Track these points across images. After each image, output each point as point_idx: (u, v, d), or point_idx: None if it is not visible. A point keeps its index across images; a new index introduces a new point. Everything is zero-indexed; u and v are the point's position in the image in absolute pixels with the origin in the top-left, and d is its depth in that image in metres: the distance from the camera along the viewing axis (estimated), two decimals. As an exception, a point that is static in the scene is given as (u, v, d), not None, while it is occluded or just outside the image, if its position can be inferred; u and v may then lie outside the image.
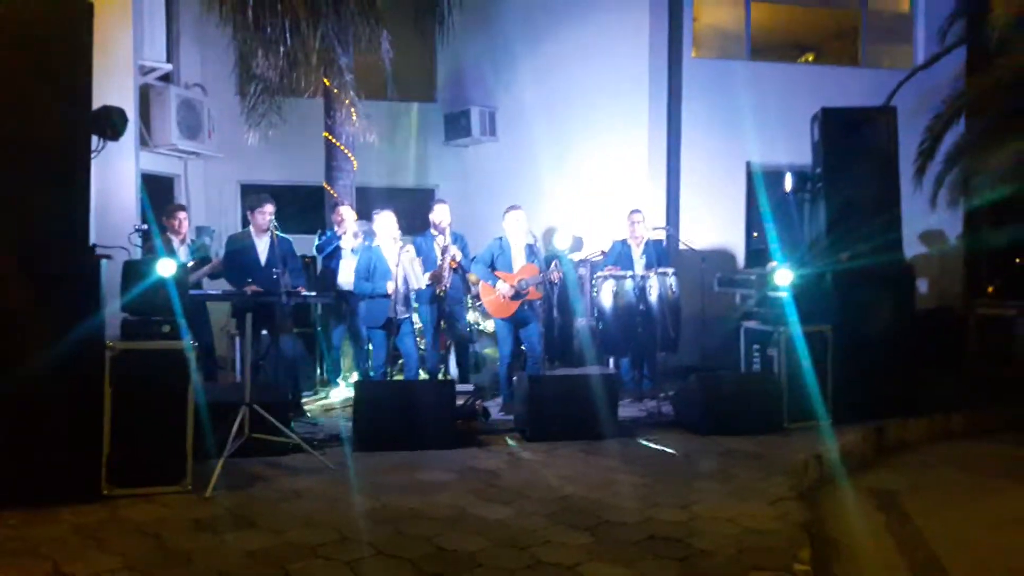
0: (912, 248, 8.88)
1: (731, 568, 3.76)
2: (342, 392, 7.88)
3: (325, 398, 7.77)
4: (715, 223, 9.77)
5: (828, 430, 6.39)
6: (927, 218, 8.53)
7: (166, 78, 9.62)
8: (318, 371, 8.09)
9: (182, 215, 7.44)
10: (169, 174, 10.19)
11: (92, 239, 4.72)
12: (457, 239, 7.41)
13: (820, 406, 6.57)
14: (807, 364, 6.61)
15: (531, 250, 7.31)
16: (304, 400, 7.42)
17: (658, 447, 6.10)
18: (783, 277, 6.81)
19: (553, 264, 7.12)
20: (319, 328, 8.01)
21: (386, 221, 7.16)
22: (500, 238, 7.35)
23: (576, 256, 9.11)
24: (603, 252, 8.48)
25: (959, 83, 7.63)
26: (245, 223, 7.51)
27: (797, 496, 4.89)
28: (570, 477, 5.27)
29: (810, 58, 11.45)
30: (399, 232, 7.13)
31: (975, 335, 9.30)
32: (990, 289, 10.10)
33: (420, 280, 6.97)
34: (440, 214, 7.45)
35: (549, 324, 7.97)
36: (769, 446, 6.11)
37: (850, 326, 6.92)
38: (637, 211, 8.03)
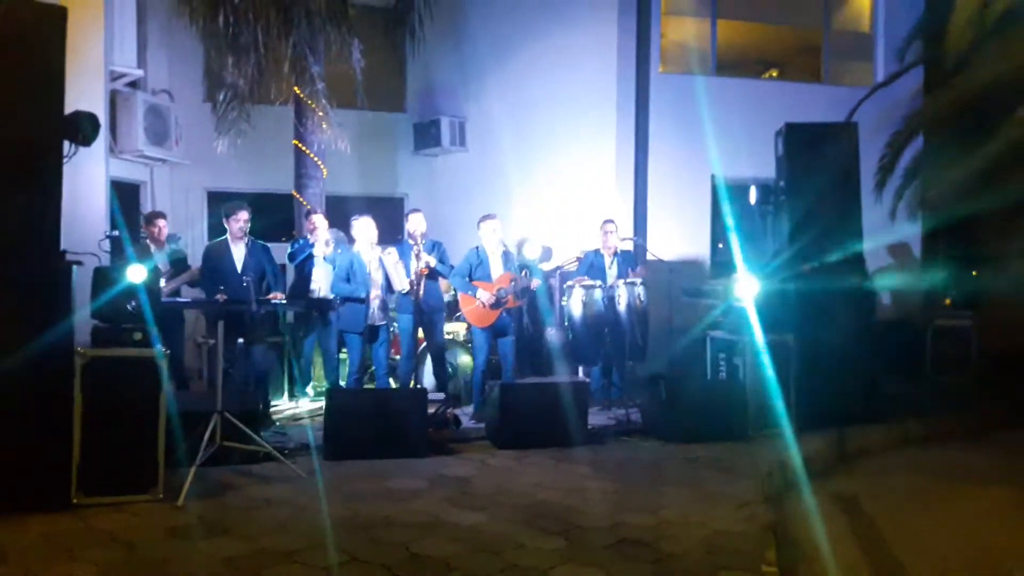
0: (874, 260, 9.11)
1: (700, 569, 3.85)
2: (311, 402, 7.85)
3: (294, 407, 7.74)
4: (681, 234, 9.93)
5: (792, 437, 6.52)
6: (888, 231, 8.75)
7: (133, 84, 9.53)
8: (287, 381, 8.04)
9: (161, 223, 7.41)
10: (135, 181, 10.07)
11: (61, 246, 4.68)
12: (435, 247, 7.46)
13: (784, 414, 6.71)
14: (771, 373, 6.74)
15: (507, 258, 7.40)
16: (273, 410, 7.38)
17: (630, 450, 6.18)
18: (747, 288, 6.95)
19: (524, 272, 7.19)
20: (288, 337, 7.97)
21: (365, 226, 7.22)
22: (477, 248, 7.42)
23: (547, 265, 9.20)
24: (578, 258, 8.56)
25: (917, 101, 7.87)
26: (212, 231, 7.48)
27: (763, 501, 5.00)
28: (541, 484, 5.33)
29: (774, 74, 11.70)
30: (376, 237, 7.19)
31: (934, 345, 9.55)
32: (947, 301, 10.37)
33: (403, 282, 7.04)
34: (415, 223, 7.50)
35: (520, 333, 8.03)
36: (735, 453, 6.23)
37: (812, 336, 7.08)
38: (610, 221, 8.15)
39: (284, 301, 6.82)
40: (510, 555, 3.97)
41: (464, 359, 8.15)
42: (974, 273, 10.50)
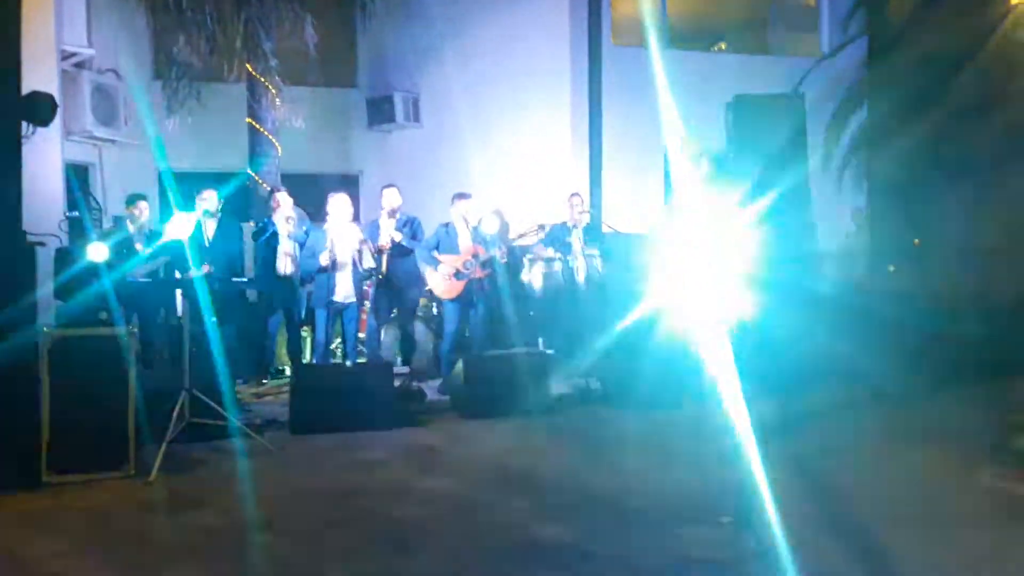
0: (822, 227, 9.39)
1: (663, 523, 4.03)
2: (276, 380, 7.88)
3: (259, 386, 7.76)
4: (637, 206, 10.10)
5: (749, 401, 6.75)
6: (835, 199, 9.03)
7: (79, 65, 9.33)
8: (254, 359, 8.04)
9: (143, 204, 7.37)
10: (84, 162, 9.90)
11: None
12: (409, 222, 7.53)
13: (741, 378, 6.93)
14: (725, 339, 6.95)
15: (476, 233, 7.50)
16: (238, 388, 7.39)
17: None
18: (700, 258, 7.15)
19: (502, 250, 7.30)
20: (254, 316, 7.98)
21: (340, 203, 7.25)
22: (447, 224, 7.53)
23: (512, 240, 9.30)
24: (538, 228, 8.66)
25: (862, 71, 8.11)
26: (164, 212, 7.46)
27: (721, 460, 5.21)
28: (508, 450, 5.49)
29: (723, 47, 11.90)
30: (351, 214, 7.25)
31: (875, 308, 9.87)
32: (891, 268, 10.70)
33: (369, 260, 7.11)
34: (389, 198, 7.56)
35: (489, 306, 8.14)
36: (693, 417, 6.43)
37: (764, 302, 7.32)
38: (576, 194, 8.32)
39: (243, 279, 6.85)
40: (483, 515, 4.12)
41: (425, 333, 8.26)
42: (916, 241, 10.87)
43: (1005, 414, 5.72)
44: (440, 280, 7.35)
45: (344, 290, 7.25)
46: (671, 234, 8.89)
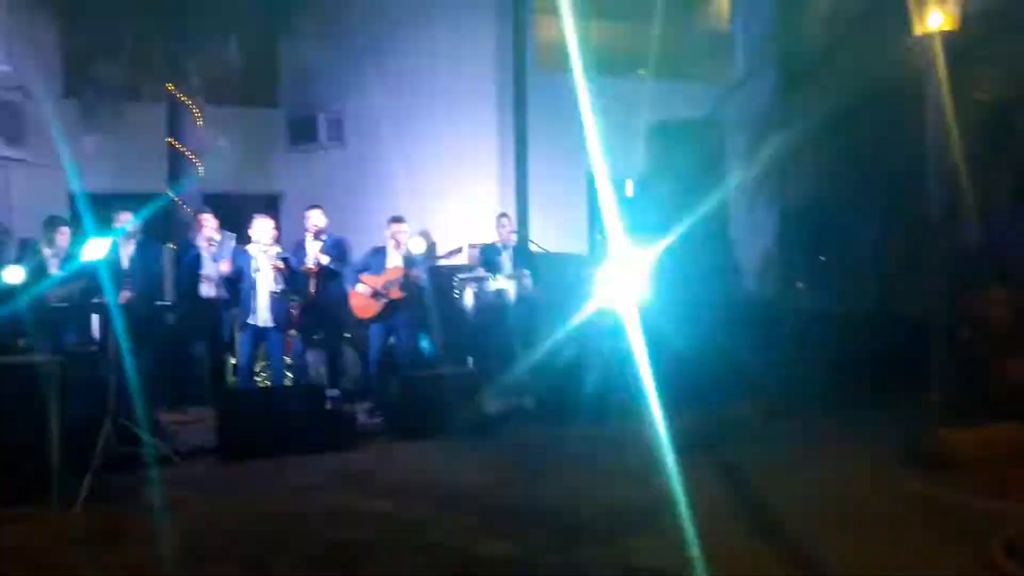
0: (738, 246, 9.75)
1: (606, 534, 4.13)
2: (199, 407, 7.64)
3: (182, 413, 7.51)
4: (564, 228, 10.29)
5: (674, 413, 6.94)
6: (751, 220, 9.41)
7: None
8: (176, 385, 7.79)
9: (65, 229, 7.08)
10: (-12, 183, 9.46)
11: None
12: (336, 243, 7.47)
13: (665, 392, 7.12)
14: (649, 355, 7.13)
15: (407, 256, 7.49)
16: (160, 415, 7.14)
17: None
18: (623, 277, 7.36)
19: (411, 270, 7.31)
20: (175, 340, 7.74)
21: (262, 227, 7.13)
22: (380, 247, 7.52)
23: (440, 261, 9.31)
24: (455, 252, 8.70)
25: (775, 98, 8.51)
26: (78, 235, 7.20)
27: (653, 471, 5.35)
28: (446, 469, 5.50)
29: (645, 73, 12.26)
30: (274, 237, 7.14)
31: (789, 323, 10.28)
32: (799, 285, 11.17)
33: (279, 282, 7.00)
34: (314, 219, 7.49)
35: (418, 327, 8.11)
36: (624, 431, 6.55)
37: (685, 319, 7.58)
38: (504, 215, 8.41)
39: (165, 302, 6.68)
40: (429, 534, 4.12)
41: (353, 355, 8.18)
42: (822, 258, 11.40)
43: (915, 421, 6.06)
44: (359, 300, 7.34)
45: (265, 313, 7.10)
46: (599, 254, 9.13)
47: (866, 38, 6.12)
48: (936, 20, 5.16)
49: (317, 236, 7.39)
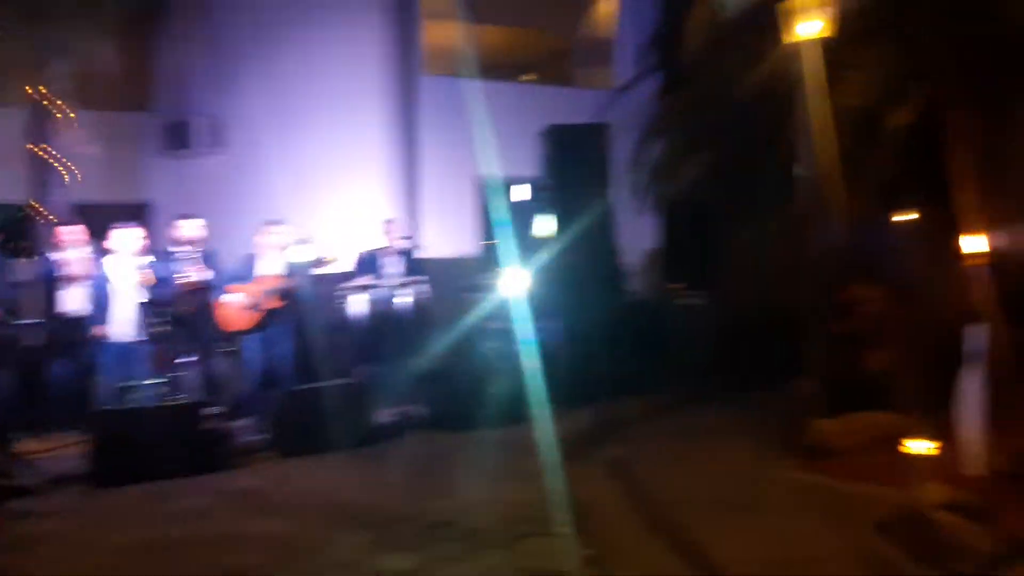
0: (626, 248, 9.95)
1: (505, 538, 4.10)
2: (67, 431, 7.13)
3: (45, 439, 6.99)
4: (454, 233, 10.23)
5: (563, 415, 7.00)
6: (638, 223, 9.61)
7: None
8: (36, 409, 7.23)
9: None
10: None
11: None
12: (211, 256, 7.12)
13: (555, 394, 7.18)
14: (538, 358, 7.19)
15: (288, 264, 7.22)
16: (20, 442, 6.62)
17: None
18: (513, 281, 7.38)
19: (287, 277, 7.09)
20: (34, 361, 7.19)
21: (124, 237, 6.73)
22: (254, 255, 7.21)
23: (323, 269, 9.06)
24: (362, 256, 8.51)
25: (659, 103, 8.71)
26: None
27: (546, 473, 5.37)
28: (337, 484, 5.34)
29: (533, 77, 12.38)
30: (138, 248, 6.73)
31: (673, 323, 10.56)
32: (680, 285, 11.50)
33: (144, 295, 6.64)
34: (188, 229, 7.13)
35: (300, 338, 7.87)
36: (516, 434, 6.57)
37: (573, 320, 7.69)
38: (390, 221, 8.26)
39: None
40: (325, 554, 3.97)
41: (231, 370, 7.84)
42: (702, 259, 11.79)
43: (792, 413, 6.34)
44: (232, 311, 7.02)
45: (132, 329, 6.72)
46: (490, 259, 9.13)
47: (745, 43, 6.34)
48: (808, 28, 5.39)
49: (190, 247, 7.04)
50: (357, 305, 7.68)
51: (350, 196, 9.79)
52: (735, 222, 8.53)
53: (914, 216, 6.40)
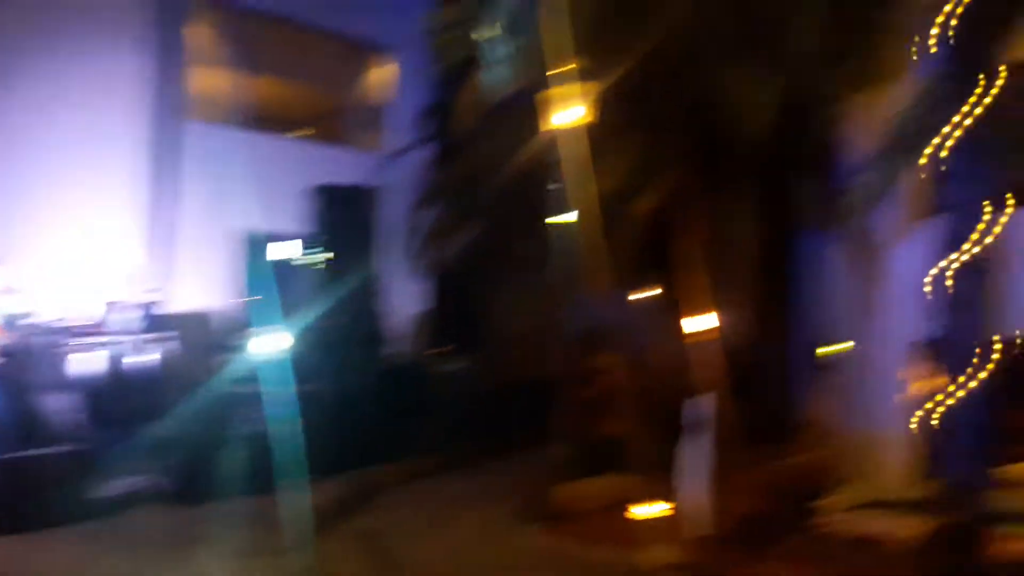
0: (395, 312, 9.89)
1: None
2: None
3: None
4: (211, 287, 9.65)
5: (317, 484, 6.72)
6: (407, 287, 9.61)
7: None
8: None
9: None
10: None
11: None
12: None
13: (309, 462, 6.89)
14: (292, 424, 6.89)
15: (6, 316, 6.43)
16: None
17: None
18: (269, 342, 7.07)
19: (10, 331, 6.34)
20: None
21: None
22: None
23: (50, 322, 8.15)
24: (100, 307, 7.76)
25: (432, 170, 8.87)
26: None
27: (294, 548, 5.10)
28: (53, 568, 4.72)
29: (308, 134, 12.16)
30: None
31: (435, 386, 10.60)
32: (445, 349, 11.63)
33: None
34: None
35: (14, 398, 6.98)
36: (264, 506, 6.21)
37: (331, 384, 7.51)
38: (138, 271, 7.68)
39: None
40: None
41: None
42: (467, 325, 12.01)
43: (537, 478, 6.54)
44: None
45: None
46: (247, 316, 8.70)
47: (512, 124, 6.63)
48: (566, 117, 5.70)
49: None
50: (89, 362, 6.96)
51: (89, 241, 8.93)
52: (498, 289, 8.82)
53: (653, 293, 6.95)
